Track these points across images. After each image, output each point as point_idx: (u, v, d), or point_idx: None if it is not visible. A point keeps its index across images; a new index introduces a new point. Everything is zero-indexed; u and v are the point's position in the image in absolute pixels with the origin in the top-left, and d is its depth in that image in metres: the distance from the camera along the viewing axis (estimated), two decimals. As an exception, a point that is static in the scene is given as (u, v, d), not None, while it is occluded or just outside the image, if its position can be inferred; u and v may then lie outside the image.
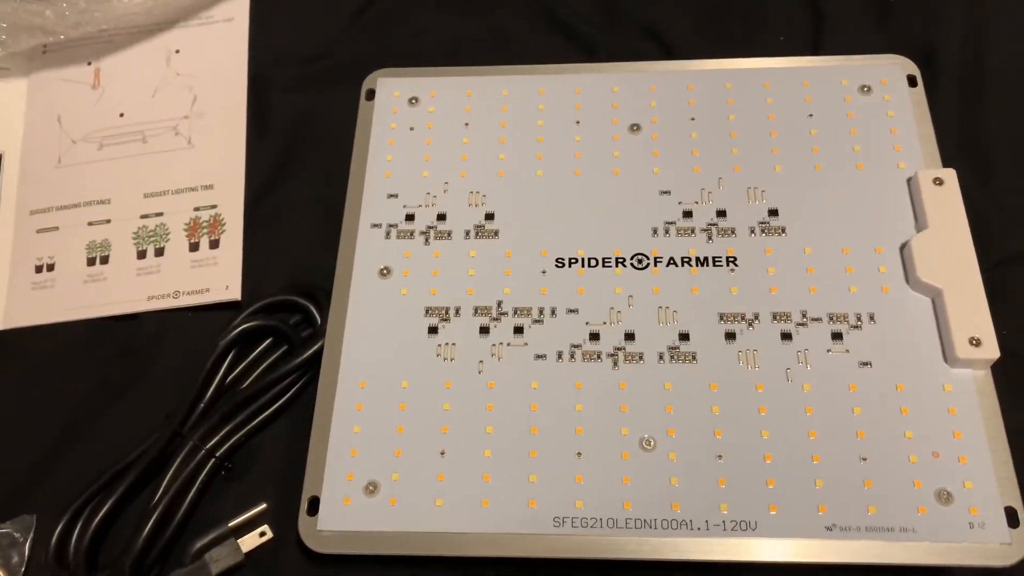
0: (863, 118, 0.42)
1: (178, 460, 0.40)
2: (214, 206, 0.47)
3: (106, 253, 0.46)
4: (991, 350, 0.36)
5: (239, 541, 0.39)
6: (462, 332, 0.39)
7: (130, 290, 0.45)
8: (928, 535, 0.33)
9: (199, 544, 0.39)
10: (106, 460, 0.40)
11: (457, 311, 0.39)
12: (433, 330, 0.39)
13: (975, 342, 0.36)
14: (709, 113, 0.43)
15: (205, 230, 0.46)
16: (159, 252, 0.46)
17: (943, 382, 0.36)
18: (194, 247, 0.46)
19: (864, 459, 0.35)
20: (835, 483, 0.35)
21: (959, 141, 0.44)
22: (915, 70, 0.44)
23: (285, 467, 0.40)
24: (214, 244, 0.46)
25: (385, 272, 0.41)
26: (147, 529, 0.38)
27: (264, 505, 0.40)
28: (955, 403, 0.36)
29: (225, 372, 0.43)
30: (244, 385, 0.43)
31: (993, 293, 0.38)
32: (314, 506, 0.36)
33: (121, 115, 0.50)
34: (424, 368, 0.38)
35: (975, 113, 0.45)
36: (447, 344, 0.39)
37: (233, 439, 0.41)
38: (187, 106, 0.49)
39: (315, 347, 0.42)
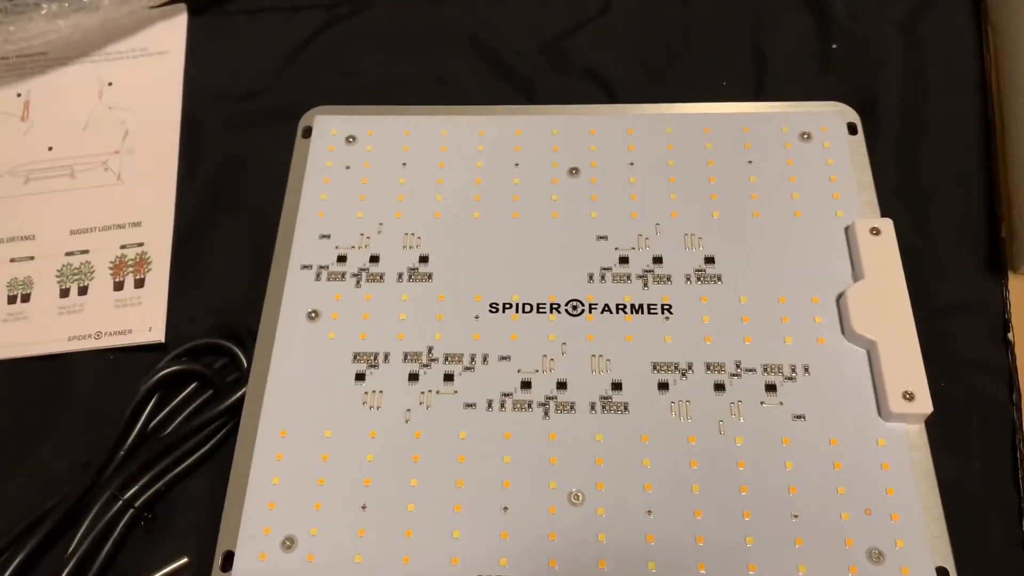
0: (802, 166, 0.42)
1: (94, 510, 0.39)
2: (141, 244, 0.45)
3: (28, 291, 0.45)
4: (924, 404, 0.35)
5: (159, 597, 0.37)
6: (390, 379, 0.38)
7: (51, 330, 0.44)
8: (859, 596, 0.33)
9: (117, 601, 0.37)
10: (18, 511, 0.39)
11: (386, 357, 0.38)
12: (360, 376, 0.38)
13: (908, 396, 0.35)
14: (648, 158, 0.43)
15: (131, 269, 0.45)
16: (83, 291, 0.45)
17: (877, 436, 0.35)
18: (119, 286, 0.45)
19: (796, 516, 0.34)
20: (766, 541, 0.34)
21: (898, 188, 0.44)
22: (855, 118, 0.44)
23: (209, 518, 0.39)
24: (139, 283, 0.45)
25: (313, 315, 0.40)
26: (60, 584, 0.37)
27: (185, 559, 0.38)
28: (888, 459, 0.35)
29: (147, 418, 0.41)
30: (166, 432, 0.41)
31: (930, 344, 0.37)
32: (228, 561, 0.34)
33: (50, 149, 0.48)
34: (349, 417, 0.37)
35: (915, 160, 0.45)
36: (374, 392, 0.37)
37: (153, 488, 0.40)
38: (118, 141, 0.48)
39: (240, 393, 0.41)
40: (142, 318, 0.44)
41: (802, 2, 0.49)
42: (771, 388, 0.37)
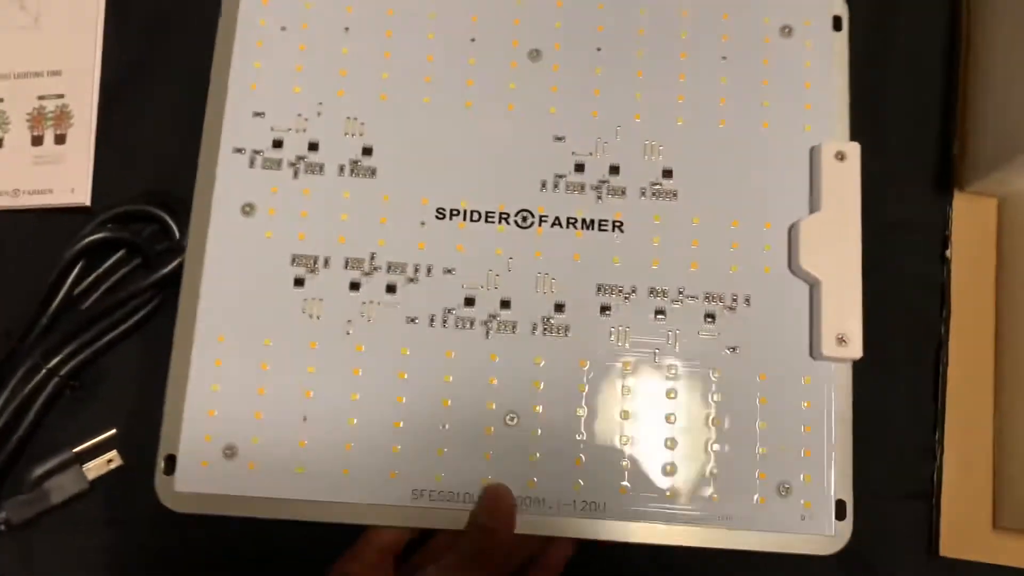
0: (778, 66, 0.39)
1: (16, 378, 0.39)
2: (61, 96, 0.41)
3: None
4: (855, 350, 0.36)
5: (84, 468, 0.38)
6: (331, 286, 0.37)
7: (-38, 183, 0.41)
8: (764, 525, 0.35)
9: (40, 471, 0.38)
10: None
11: (326, 262, 0.37)
12: (299, 282, 0.37)
13: (842, 340, 0.36)
14: (616, 44, 0.39)
15: (50, 122, 0.41)
16: (-3, 143, 0.41)
17: (804, 374, 0.37)
18: (37, 140, 0.41)
19: (715, 447, 0.36)
20: (685, 469, 0.36)
21: (858, 101, 0.41)
22: (843, 10, 0.40)
23: (136, 390, 0.40)
24: (60, 139, 0.41)
25: (248, 210, 0.37)
26: (-20, 452, 0.37)
27: (113, 431, 0.39)
28: (811, 397, 0.37)
29: (71, 285, 0.40)
30: (92, 300, 0.40)
31: (874, 260, 0.37)
32: (171, 464, 0.35)
33: None
34: (288, 325, 0.36)
35: (878, 75, 0.43)
36: (314, 299, 0.37)
37: (79, 358, 0.40)
38: None
39: (172, 264, 0.40)
40: (64, 178, 0.41)
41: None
42: (710, 317, 0.37)
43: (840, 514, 0.36)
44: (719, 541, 0.36)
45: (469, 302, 0.37)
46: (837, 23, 0.40)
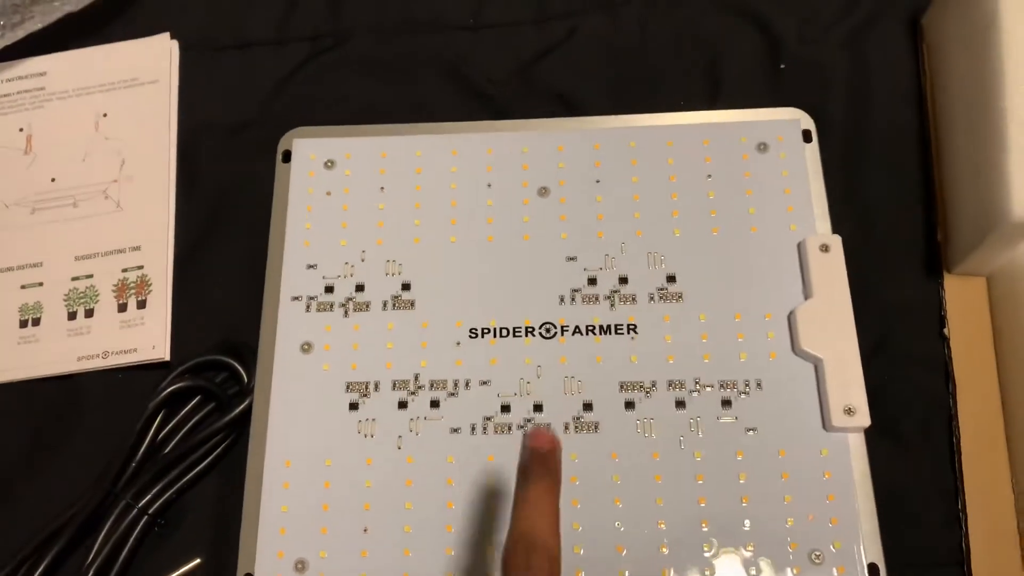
0: (759, 179, 0.45)
1: (111, 519, 0.42)
2: (141, 267, 0.48)
3: (38, 315, 0.48)
4: (863, 419, 0.39)
5: (176, 596, 0.42)
6: (381, 407, 0.41)
7: (60, 351, 0.47)
8: (799, 594, 0.37)
9: (138, 601, 0.41)
10: (38, 521, 0.42)
11: (376, 386, 0.42)
12: (354, 406, 0.41)
13: (849, 411, 0.39)
14: (614, 175, 0.45)
15: (133, 291, 0.48)
16: (89, 313, 0.48)
17: (821, 447, 0.40)
18: (122, 308, 0.48)
19: (746, 524, 0.39)
20: (721, 547, 0.38)
21: (844, 198, 0.46)
22: (810, 124, 0.46)
23: (216, 521, 0.43)
24: (141, 304, 0.48)
25: (306, 348, 0.43)
26: (82, 589, 0.40)
27: (198, 560, 0.42)
28: (830, 467, 0.39)
29: (155, 431, 0.44)
30: (174, 442, 0.44)
31: (876, 342, 0.42)
32: (248, 583, 0.39)
33: (53, 180, 0.51)
34: (346, 445, 0.41)
35: (859, 172, 0.48)
36: (367, 420, 0.41)
37: (165, 496, 0.43)
38: (116, 170, 0.51)
39: (242, 406, 0.44)
40: (146, 337, 0.47)
41: (753, 26, 0.51)
42: (727, 403, 0.41)
43: (874, 577, 0.38)
44: (762, 613, 0.37)
45: (505, 409, 0.41)
46: (807, 135, 0.46)
